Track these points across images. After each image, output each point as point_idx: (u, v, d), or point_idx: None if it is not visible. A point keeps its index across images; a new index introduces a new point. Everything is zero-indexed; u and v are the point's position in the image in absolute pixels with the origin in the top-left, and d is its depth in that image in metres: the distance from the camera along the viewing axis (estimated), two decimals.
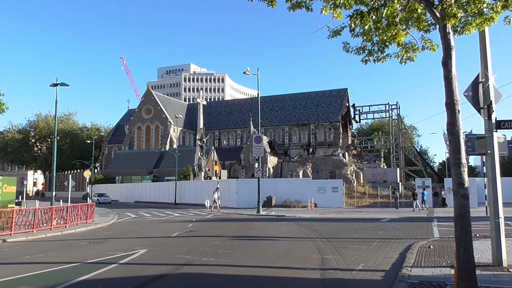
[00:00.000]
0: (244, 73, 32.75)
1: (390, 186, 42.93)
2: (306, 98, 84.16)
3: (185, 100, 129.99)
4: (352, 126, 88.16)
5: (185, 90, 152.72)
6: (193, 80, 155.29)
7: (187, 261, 10.94)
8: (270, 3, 7.73)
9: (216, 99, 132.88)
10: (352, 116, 79.81)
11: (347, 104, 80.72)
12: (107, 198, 55.73)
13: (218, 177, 45.19)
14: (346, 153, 71.28)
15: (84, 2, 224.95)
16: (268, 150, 68.47)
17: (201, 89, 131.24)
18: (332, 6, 7.47)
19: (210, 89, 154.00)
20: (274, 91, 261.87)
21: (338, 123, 77.69)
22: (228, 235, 17.14)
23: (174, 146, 79.50)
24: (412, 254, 10.96)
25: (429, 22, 8.06)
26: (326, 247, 13.16)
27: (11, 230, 17.44)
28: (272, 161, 68.97)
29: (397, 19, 7.57)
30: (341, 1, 7.37)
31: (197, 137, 58.88)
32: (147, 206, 46.85)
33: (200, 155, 55.73)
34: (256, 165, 33.83)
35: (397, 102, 69.35)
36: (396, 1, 7.30)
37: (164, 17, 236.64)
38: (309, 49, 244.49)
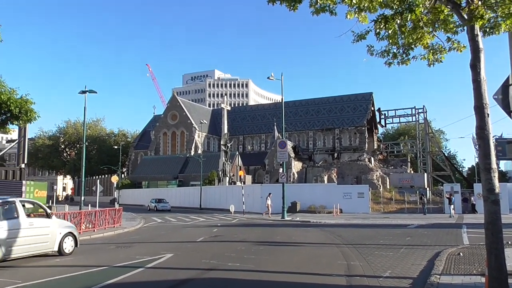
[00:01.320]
0: (268, 78, 32.77)
1: (418, 192, 42.10)
2: (331, 103, 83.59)
3: (209, 106, 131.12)
4: (378, 131, 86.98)
5: (209, 96, 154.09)
6: (218, 86, 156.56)
7: (213, 266, 10.99)
8: (292, 7, 7.74)
9: (240, 105, 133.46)
10: (378, 120, 78.81)
11: (372, 108, 79.73)
12: (166, 204, 49.56)
13: (242, 182, 45.32)
14: (372, 158, 70.33)
15: (111, 11, 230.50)
16: (293, 155, 68.24)
17: (225, 94, 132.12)
18: (356, 10, 7.43)
19: (234, 94, 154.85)
20: (298, 96, 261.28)
21: (363, 128, 76.78)
22: (253, 240, 17.14)
23: (199, 151, 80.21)
24: (441, 261, 10.70)
25: (457, 23, 7.89)
26: (352, 253, 13.00)
27: None
28: (296, 166, 68.68)
29: (421, 23, 7.46)
30: (366, 5, 7.31)
31: (222, 143, 59.24)
32: (173, 211, 47.33)
33: (225, 160, 56.02)
34: (281, 170, 33.75)
35: (423, 106, 68.19)
36: (421, 5, 7.18)
37: (189, 24, 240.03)
38: (333, 53, 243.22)
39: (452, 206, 31.59)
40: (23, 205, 12.47)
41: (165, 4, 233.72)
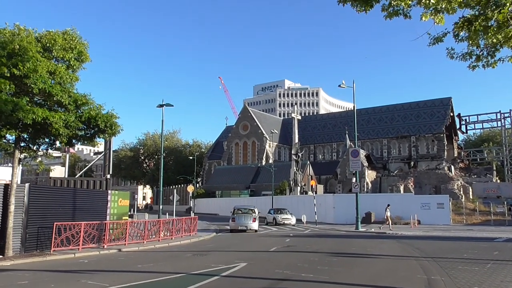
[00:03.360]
0: (339, 86, 32.30)
1: (505, 202, 38.87)
2: (405, 109, 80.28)
3: (280, 116, 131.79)
4: (458, 137, 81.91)
5: (280, 106, 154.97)
6: (288, 96, 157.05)
7: (286, 276, 10.96)
8: (363, 9, 7.58)
9: (311, 113, 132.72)
10: (458, 126, 74.22)
11: (452, 114, 75.30)
12: (289, 217, 37.08)
13: (314, 192, 44.82)
14: (452, 167, 66.26)
15: (183, 27, 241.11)
16: (366, 164, 66.35)
17: (296, 104, 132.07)
18: (433, 11, 7.11)
19: (305, 103, 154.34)
20: (370, 103, 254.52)
21: (442, 135, 72.69)
22: (326, 251, 16.84)
23: (270, 161, 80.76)
24: None
25: None
26: (433, 267, 12.29)
27: (125, 241, 19.03)
28: (370, 175, 66.66)
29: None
30: (443, 6, 6.97)
31: (293, 152, 59.16)
32: None
33: (296, 169, 55.83)
34: (354, 179, 32.94)
35: (510, 110, 63.15)
36: (508, 4, 6.68)
37: (258, 36, 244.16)
38: (406, 58, 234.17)
39: None
40: None
41: (235, 19, 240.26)
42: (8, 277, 11.08)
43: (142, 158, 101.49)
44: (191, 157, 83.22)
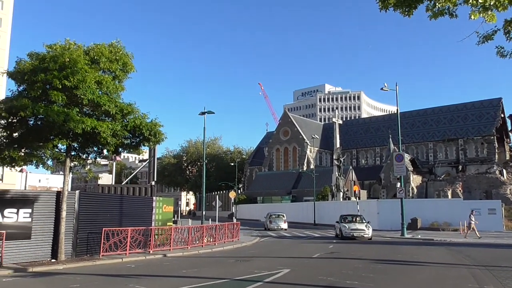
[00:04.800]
0: (382, 89, 31.70)
1: None
2: (452, 111, 77.41)
3: (320, 120, 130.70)
4: (510, 140, 78.05)
5: (320, 111, 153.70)
6: (328, 100, 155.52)
7: (330, 283, 10.80)
8: (406, 13, 7.41)
9: (352, 118, 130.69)
10: (510, 128, 70.74)
11: (502, 115, 71.84)
12: (362, 228, 27.12)
13: (357, 198, 44.02)
14: (504, 170, 63.06)
15: (222, 35, 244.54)
16: (411, 168, 64.48)
17: (337, 108, 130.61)
18: (481, 9, 6.84)
19: (346, 107, 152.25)
20: (414, 105, 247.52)
21: (492, 137, 69.48)
22: (370, 258, 16.46)
23: (311, 166, 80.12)
24: None
25: None
26: (485, 276, 11.72)
27: (170, 246, 19.43)
28: (415, 180, 64.70)
29: None
30: (492, 3, 6.69)
31: (334, 157, 58.47)
32: (288, 226, 47.70)
33: (338, 175, 55.08)
34: (398, 184, 32.08)
35: None
36: None
37: (298, 41, 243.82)
38: (451, 59, 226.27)
39: None
40: None
41: (274, 25, 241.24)
42: (61, 280, 11.57)
43: (185, 165, 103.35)
44: (232, 164, 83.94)
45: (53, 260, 14.79)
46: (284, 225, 39.32)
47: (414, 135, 78.50)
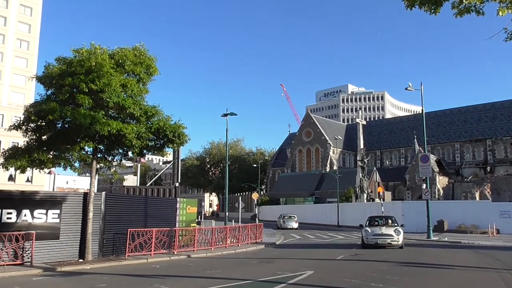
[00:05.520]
0: (406, 89, 31.21)
1: None
2: (479, 111, 75.59)
3: (343, 121, 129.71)
4: None
5: (343, 111, 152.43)
6: (351, 101, 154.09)
7: (354, 285, 10.69)
8: (432, 11, 7.29)
9: (376, 118, 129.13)
10: None
11: None
12: (391, 234, 20.93)
13: (381, 199, 43.45)
14: None
15: (245, 35, 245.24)
16: (436, 169, 63.24)
17: (360, 108, 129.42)
18: (509, 5, 6.66)
19: (369, 108, 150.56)
20: (439, 105, 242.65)
21: None
22: (395, 260, 16.20)
23: (334, 167, 79.52)
24: None
25: None
26: None
27: (194, 247, 19.59)
28: (441, 181, 63.43)
29: None
30: None
31: (358, 158, 57.88)
32: (310, 227, 47.47)
33: (362, 176, 54.50)
34: (424, 186, 31.50)
35: None
36: None
37: (320, 41, 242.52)
38: (477, 58, 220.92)
39: None
40: None
41: (296, 25, 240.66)
42: (88, 280, 11.82)
43: (208, 166, 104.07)
44: (255, 165, 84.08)
45: (80, 260, 15.13)
46: (295, 225, 43.59)
47: (440, 136, 77.00)
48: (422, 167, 31.30)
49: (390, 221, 23.13)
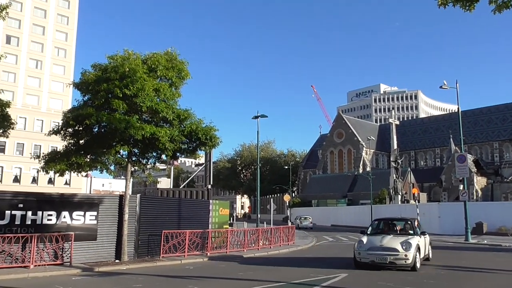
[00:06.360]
0: (441, 87, 30.43)
1: None
2: None
3: (376, 121, 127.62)
4: None
5: (375, 111, 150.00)
6: (384, 100, 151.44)
7: None
8: (467, 7, 7.08)
9: (410, 118, 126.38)
10: None
11: None
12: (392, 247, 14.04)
13: (416, 201, 42.41)
14: None
15: (275, 38, 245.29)
16: (474, 169, 61.29)
17: (393, 108, 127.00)
18: None
19: (402, 107, 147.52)
20: (475, 104, 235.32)
21: None
22: (432, 264, 15.78)
23: (367, 168, 78.30)
24: None
25: None
26: None
27: (226, 249, 19.73)
28: (479, 182, 61.39)
29: None
30: None
31: (391, 159, 56.81)
32: (343, 229, 46.91)
33: (396, 177, 53.44)
34: (461, 187, 30.63)
35: None
36: None
37: (351, 41, 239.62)
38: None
39: None
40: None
41: (327, 25, 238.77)
42: (124, 280, 12.11)
43: (239, 168, 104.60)
44: (286, 167, 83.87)
45: (116, 261, 15.51)
46: (310, 225, 49.04)
47: (477, 135, 74.58)
48: (459, 168, 30.43)
49: (403, 226, 15.96)
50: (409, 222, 15.80)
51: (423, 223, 35.59)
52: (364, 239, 14.49)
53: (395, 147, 58.22)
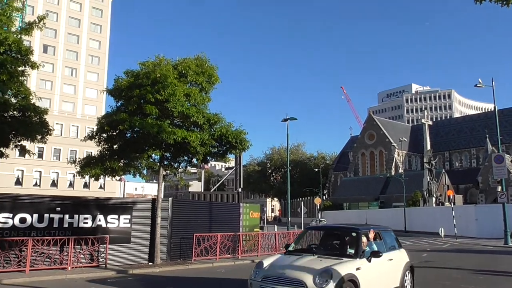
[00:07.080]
0: (476, 85, 29.57)
1: None
2: None
3: (408, 122, 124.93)
4: None
5: (407, 112, 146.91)
6: (416, 100, 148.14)
7: None
8: (504, 2, 6.86)
9: (443, 118, 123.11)
10: None
11: None
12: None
13: (452, 203, 41.25)
14: None
15: (303, 38, 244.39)
16: None
17: (425, 108, 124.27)
18: None
19: (435, 107, 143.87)
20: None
21: None
22: (469, 268, 15.33)
23: (400, 170, 76.65)
24: None
25: None
26: None
27: (257, 252, 19.75)
28: None
29: None
30: None
31: (425, 160, 55.44)
32: None
33: (429, 179, 52.15)
34: (499, 188, 29.55)
35: None
36: None
37: (381, 41, 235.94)
38: None
39: None
40: None
41: (356, 26, 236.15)
42: (158, 283, 12.32)
43: (269, 172, 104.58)
44: (316, 169, 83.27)
45: (150, 263, 15.78)
46: None
47: None
48: (496, 168, 29.44)
49: (346, 240, 9.53)
50: (353, 234, 9.23)
51: (460, 226, 34.89)
52: (269, 259, 8.96)
53: (429, 148, 56.83)
